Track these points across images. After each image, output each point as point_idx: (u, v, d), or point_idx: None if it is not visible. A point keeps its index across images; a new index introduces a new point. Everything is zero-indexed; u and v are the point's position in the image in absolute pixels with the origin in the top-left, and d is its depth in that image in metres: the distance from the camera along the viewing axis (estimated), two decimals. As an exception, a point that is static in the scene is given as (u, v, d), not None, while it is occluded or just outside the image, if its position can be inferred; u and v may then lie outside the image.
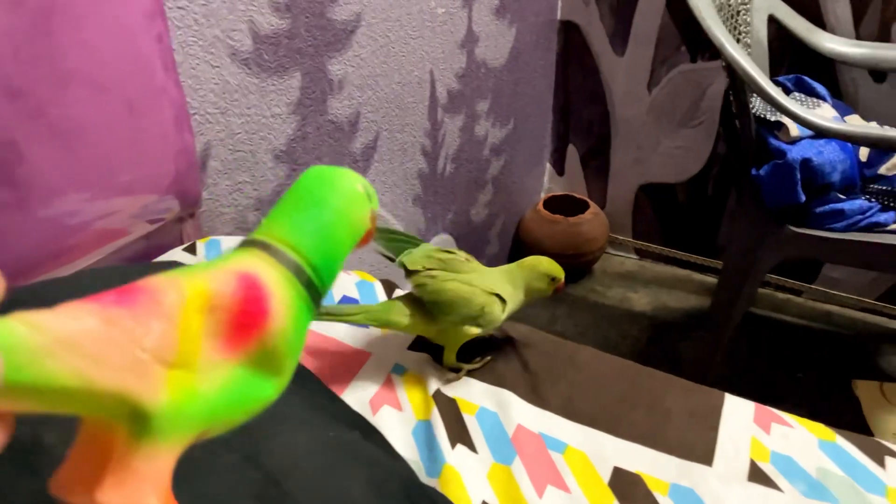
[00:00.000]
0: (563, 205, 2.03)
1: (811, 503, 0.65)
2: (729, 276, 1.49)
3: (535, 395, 0.71)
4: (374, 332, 0.82)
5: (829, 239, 1.30)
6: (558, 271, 0.82)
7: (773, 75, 1.57)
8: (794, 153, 1.29)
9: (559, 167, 2.14)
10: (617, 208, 2.11)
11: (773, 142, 1.34)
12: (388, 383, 0.73)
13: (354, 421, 0.63)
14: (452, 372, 0.77)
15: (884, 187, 1.34)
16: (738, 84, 1.33)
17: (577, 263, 1.97)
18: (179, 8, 0.87)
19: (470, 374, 0.76)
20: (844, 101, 1.66)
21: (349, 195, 0.38)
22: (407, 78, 1.35)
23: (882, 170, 1.39)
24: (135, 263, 0.85)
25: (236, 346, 0.31)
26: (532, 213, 2.00)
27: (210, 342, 0.30)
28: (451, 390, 0.72)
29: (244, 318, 0.31)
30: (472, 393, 0.71)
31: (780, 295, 1.94)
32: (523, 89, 1.84)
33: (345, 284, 0.88)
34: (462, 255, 0.81)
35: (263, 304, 0.32)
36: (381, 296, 0.89)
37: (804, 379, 1.65)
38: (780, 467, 0.68)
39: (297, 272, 0.34)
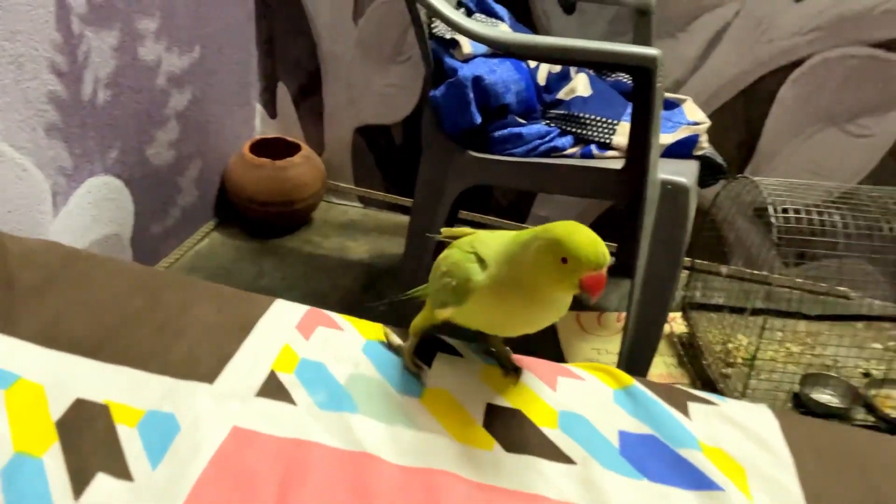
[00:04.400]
0: (274, 149, 1.85)
1: (323, 414, 0.54)
2: (420, 210, 1.40)
3: (5, 321, 0.53)
4: None
5: (508, 163, 1.26)
6: (581, 248, 0.53)
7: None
8: (466, 71, 1.22)
9: (271, 109, 1.95)
10: (336, 153, 1.97)
11: (448, 60, 1.26)
12: None
13: None
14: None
15: (563, 112, 1.32)
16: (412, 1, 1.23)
17: (292, 212, 1.81)
18: None
19: None
20: (539, 34, 1.65)
21: None
22: (9, -29, 1.08)
23: (560, 94, 1.38)
24: None
25: None
26: (237, 157, 1.80)
27: None
28: None
29: None
30: None
31: (496, 236, 1.93)
32: (209, 13, 1.62)
33: None
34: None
35: None
36: None
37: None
38: (305, 377, 0.58)
39: None
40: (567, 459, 0.56)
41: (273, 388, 0.56)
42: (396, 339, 0.68)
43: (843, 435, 0.64)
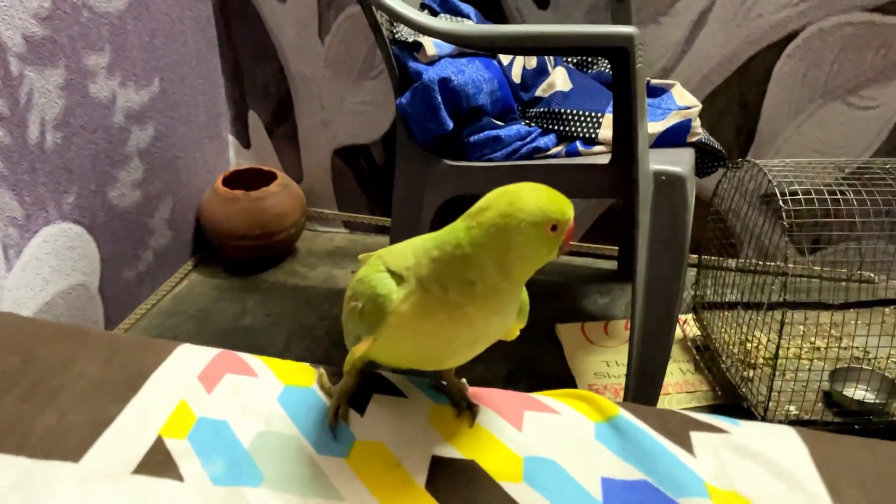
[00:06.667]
0: (249, 180, 1.76)
1: (217, 491, 0.44)
2: (398, 230, 1.31)
3: None
4: None
5: (488, 168, 1.16)
6: (563, 206, 0.50)
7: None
8: (431, 73, 1.12)
9: (244, 139, 1.87)
10: (316, 179, 1.88)
11: (412, 64, 1.17)
12: None
13: None
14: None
15: (542, 109, 1.23)
16: (366, 4, 1.15)
17: (272, 244, 1.71)
18: None
19: None
20: (514, 33, 1.56)
21: None
22: (-73, 10, 1.00)
23: (538, 91, 1.28)
24: None
25: None
26: (210, 192, 1.71)
27: None
28: None
29: None
30: None
31: (490, 250, 1.83)
32: (167, 44, 1.54)
33: None
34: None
35: None
36: None
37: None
38: (200, 441, 0.47)
39: None
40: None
41: (156, 462, 0.45)
42: (328, 383, 0.57)
43: (894, 457, 0.52)
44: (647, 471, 0.48)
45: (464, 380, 0.60)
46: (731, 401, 1.26)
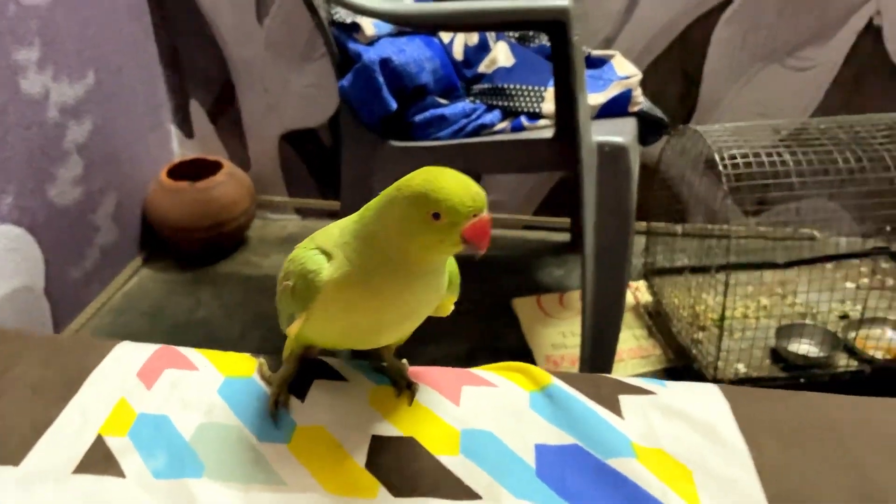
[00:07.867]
0: (195, 171, 1.73)
1: (159, 485, 0.44)
2: (348, 213, 1.30)
3: None
4: None
5: (434, 148, 1.16)
6: (453, 195, 0.44)
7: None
8: (372, 54, 1.11)
9: (187, 128, 1.83)
10: (264, 166, 1.85)
11: (352, 45, 1.15)
12: None
13: None
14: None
15: (486, 86, 1.22)
16: (300, -18, 1.13)
17: (222, 234, 1.69)
18: None
19: None
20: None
21: None
22: None
23: (481, 67, 1.28)
24: None
25: None
26: (155, 185, 1.68)
27: None
28: None
29: None
30: None
31: (444, 228, 1.83)
32: (100, 33, 1.49)
33: None
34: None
35: None
36: None
37: (472, 309, 1.53)
38: (141, 437, 0.48)
39: None
40: (469, 494, 0.46)
41: (97, 460, 0.46)
42: (269, 372, 0.58)
43: (809, 407, 0.55)
44: (577, 435, 0.50)
45: (404, 360, 0.60)
46: (684, 363, 1.30)
